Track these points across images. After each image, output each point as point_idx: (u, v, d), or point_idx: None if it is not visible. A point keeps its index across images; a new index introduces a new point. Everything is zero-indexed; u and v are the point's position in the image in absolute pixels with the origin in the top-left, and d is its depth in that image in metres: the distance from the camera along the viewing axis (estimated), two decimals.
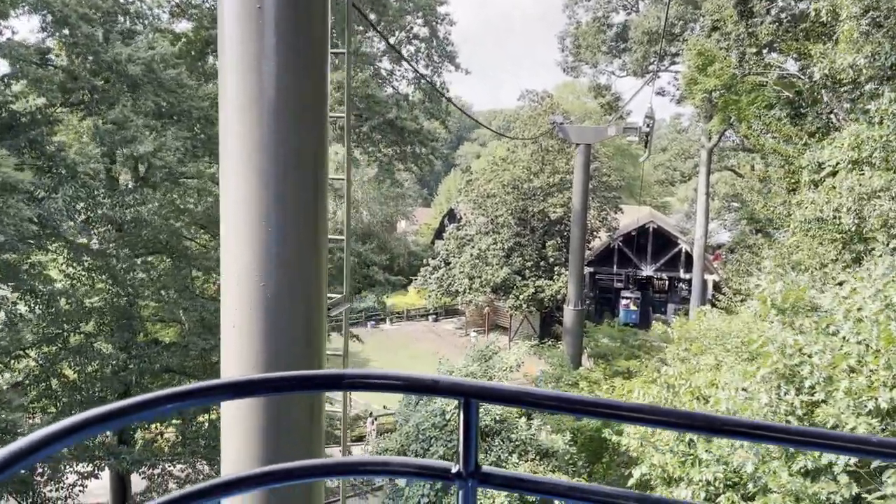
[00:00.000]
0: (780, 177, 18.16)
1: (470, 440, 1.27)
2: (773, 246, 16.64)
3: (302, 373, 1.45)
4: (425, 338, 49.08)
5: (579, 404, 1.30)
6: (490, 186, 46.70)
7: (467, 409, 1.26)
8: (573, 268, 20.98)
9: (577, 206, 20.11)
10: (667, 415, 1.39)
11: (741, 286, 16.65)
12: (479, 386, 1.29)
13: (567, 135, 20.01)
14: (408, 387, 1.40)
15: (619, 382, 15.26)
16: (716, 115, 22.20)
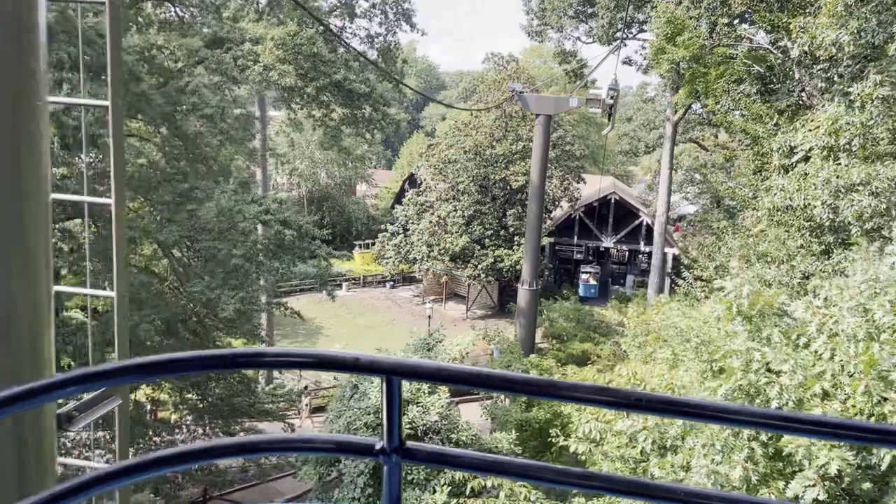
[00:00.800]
0: (747, 157, 17.34)
1: (393, 416, 1.28)
2: (737, 231, 15.85)
3: (200, 352, 1.31)
4: (382, 305, 48.07)
5: (498, 380, 1.32)
6: (451, 152, 45.38)
7: (389, 385, 1.26)
8: (529, 246, 19.90)
9: (535, 179, 18.96)
10: (581, 390, 1.29)
11: (703, 272, 15.86)
12: (400, 362, 1.28)
13: (526, 104, 18.67)
14: (326, 364, 1.32)
15: (571, 371, 14.43)
16: (682, 88, 21.20)
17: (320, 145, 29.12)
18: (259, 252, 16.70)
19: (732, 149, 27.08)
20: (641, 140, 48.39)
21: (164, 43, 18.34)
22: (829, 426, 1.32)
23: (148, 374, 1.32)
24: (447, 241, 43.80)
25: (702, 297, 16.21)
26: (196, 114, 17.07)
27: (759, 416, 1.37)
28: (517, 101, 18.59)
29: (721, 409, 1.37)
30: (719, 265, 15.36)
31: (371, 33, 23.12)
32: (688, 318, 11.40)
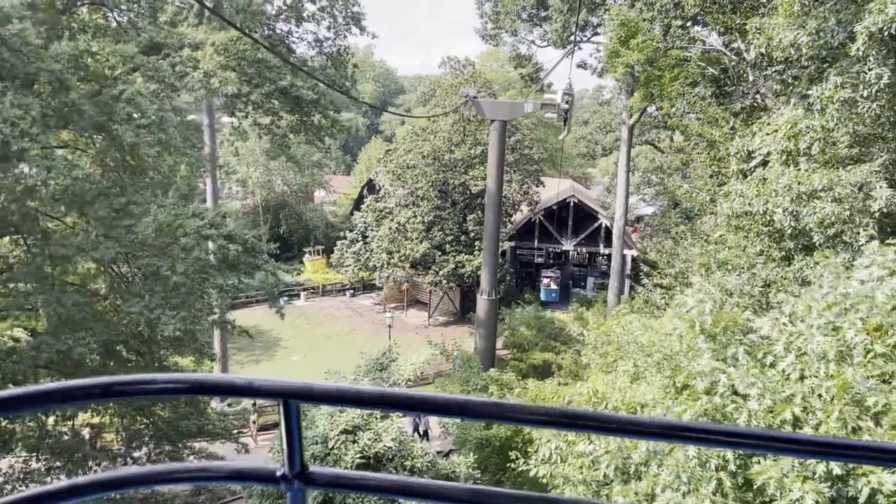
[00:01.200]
0: (704, 161, 17.10)
1: (293, 441, 1.26)
2: (696, 237, 15.56)
3: (62, 384, 1.23)
4: (342, 315, 47.15)
5: (409, 401, 1.28)
6: (410, 157, 44.75)
7: (287, 409, 1.23)
8: (487, 255, 19.30)
9: (491, 186, 18.37)
10: (522, 411, 1.25)
11: (663, 279, 15.53)
12: (297, 386, 1.24)
13: (481, 110, 18.06)
14: (217, 389, 1.26)
15: (532, 384, 13.93)
16: (637, 91, 20.92)
17: (266, 154, 28.02)
18: (202, 268, 15.83)
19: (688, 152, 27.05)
20: (598, 143, 48.41)
21: (98, 49, 17.35)
22: (799, 443, 1.27)
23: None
24: (407, 247, 43.15)
25: (662, 303, 15.87)
26: (132, 124, 16.15)
27: (721, 434, 1.26)
28: (470, 107, 18.01)
29: (679, 427, 1.30)
30: (679, 272, 15.03)
31: (319, 37, 22.35)
32: (649, 331, 10.98)
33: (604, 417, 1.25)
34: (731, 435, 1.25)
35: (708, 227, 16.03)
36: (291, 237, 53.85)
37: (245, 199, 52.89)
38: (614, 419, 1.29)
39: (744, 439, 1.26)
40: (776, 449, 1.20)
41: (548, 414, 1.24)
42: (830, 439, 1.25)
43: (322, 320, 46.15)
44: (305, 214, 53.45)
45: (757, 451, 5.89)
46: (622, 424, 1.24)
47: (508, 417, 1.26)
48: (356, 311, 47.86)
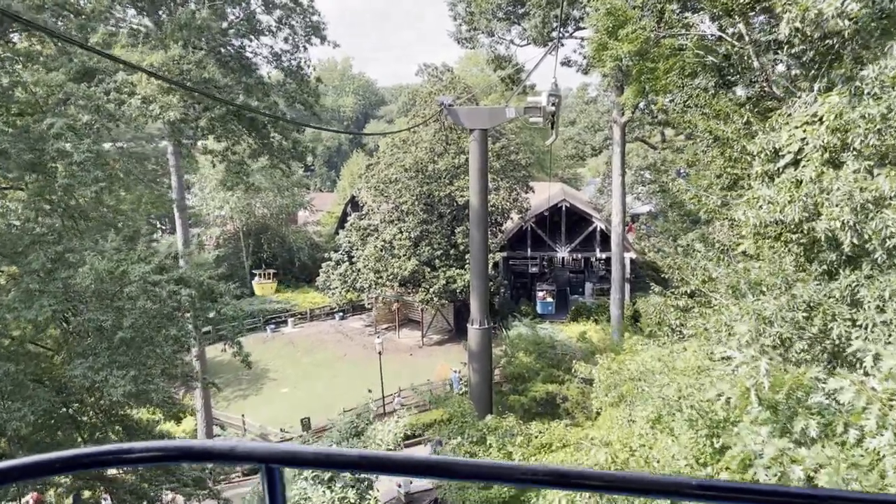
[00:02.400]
0: (711, 159, 15.31)
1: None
2: (710, 247, 13.70)
3: (20, 461, 1.18)
4: (331, 339, 45.16)
5: (391, 463, 1.25)
6: (392, 171, 42.95)
7: (270, 476, 1.21)
8: (475, 278, 17.30)
9: (474, 202, 16.44)
10: (518, 472, 1.22)
11: (678, 299, 13.67)
12: (279, 450, 1.22)
13: (458, 119, 16.07)
14: (198, 456, 1.24)
15: (536, 429, 12.04)
16: (629, 86, 19.17)
17: (222, 184, 26.09)
18: (152, 319, 13.89)
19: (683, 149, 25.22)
20: (587, 143, 46.71)
21: (30, 79, 15.45)
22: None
23: None
24: (394, 265, 41.27)
25: (677, 324, 14.02)
26: (65, 160, 14.24)
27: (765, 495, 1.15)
28: (446, 116, 16.13)
29: (710, 486, 1.20)
30: (696, 292, 13.17)
31: (277, 51, 20.48)
32: (672, 373, 9.16)
33: (600, 476, 1.21)
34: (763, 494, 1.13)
35: (724, 237, 14.20)
36: (275, 261, 51.85)
37: (225, 224, 50.89)
38: (615, 477, 1.21)
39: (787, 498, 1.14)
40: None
41: (540, 473, 1.20)
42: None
43: (311, 347, 44.15)
44: (288, 237, 51.45)
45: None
46: (623, 482, 1.19)
47: (498, 477, 1.21)
48: (346, 334, 45.87)
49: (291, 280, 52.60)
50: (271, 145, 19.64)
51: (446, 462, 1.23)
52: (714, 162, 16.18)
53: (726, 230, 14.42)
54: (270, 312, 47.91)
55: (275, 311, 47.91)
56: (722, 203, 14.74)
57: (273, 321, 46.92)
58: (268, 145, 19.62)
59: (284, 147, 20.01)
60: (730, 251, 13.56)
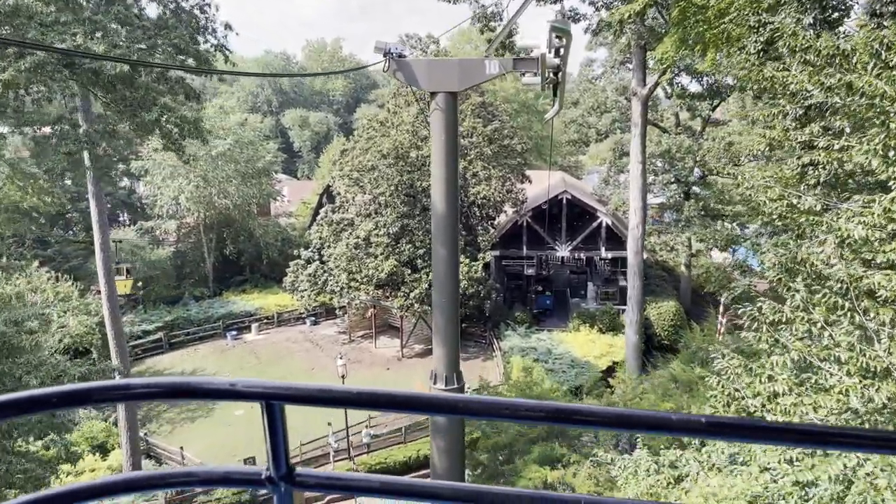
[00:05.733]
0: (789, 145, 9.83)
1: (277, 443, 1.27)
2: (810, 282, 8.25)
3: (35, 392, 1.21)
4: (300, 349, 39.69)
5: (389, 400, 1.25)
6: (367, 158, 37.36)
7: (270, 411, 1.24)
8: (441, 317, 11.24)
9: (439, 205, 10.65)
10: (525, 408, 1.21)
11: (758, 384, 8.20)
12: (279, 386, 1.25)
13: (412, 77, 10.16)
14: (199, 393, 1.27)
15: None
16: (668, 37, 13.67)
17: (41, 168, 20.42)
18: None
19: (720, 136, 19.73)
20: (592, 127, 41.08)
21: None
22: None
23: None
24: (370, 266, 35.76)
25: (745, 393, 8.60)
26: None
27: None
28: (391, 71, 10.26)
29: (717, 423, 1.22)
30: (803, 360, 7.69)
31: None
32: None
33: (597, 412, 1.18)
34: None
35: (824, 257, 8.68)
36: (240, 258, 46.27)
37: (183, 217, 45.26)
38: (608, 413, 1.21)
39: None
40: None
41: (542, 410, 1.18)
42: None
43: (276, 357, 38.69)
44: (256, 231, 45.84)
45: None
46: (617, 419, 1.21)
47: (501, 415, 1.22)
48: (317, 343, 40.39)
49: (259, 279, 47.03)
50: (143, 120, 13.95)
51: (450, 399, 1.22)
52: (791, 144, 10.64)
53: (831, 248, 8.88)
54: (234, 316, 42.43)
55: (237, 314, 42.40)
56: (823, 209, 9.25)
57: (234, 327, 41.43)
58: (140, 121, 13.96)
59: (167, 122, 14.33)
60: (850, 289, 8.07)
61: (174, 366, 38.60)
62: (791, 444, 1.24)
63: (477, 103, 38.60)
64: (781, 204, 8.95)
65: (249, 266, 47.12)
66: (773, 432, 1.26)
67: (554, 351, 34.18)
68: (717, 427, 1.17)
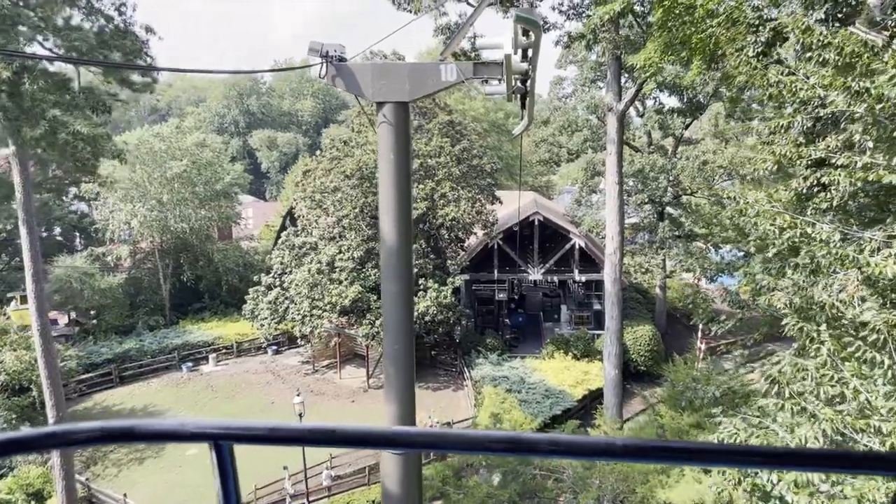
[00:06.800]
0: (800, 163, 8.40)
1: (228, 486, 1.22)
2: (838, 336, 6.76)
3: None
4: (260, 381, 37.53)
5: (343, 436, 1.21)
6: (330, 179, 35.67)
7: (219, 452, 1.20)
8: (392, 366, 9.31)
9: (389, 236, 8.89)
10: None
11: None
12: (227, 425, 1.20)
13: (352, 84, 8.55)
14: (141, 436, 1.21)
15: None
16: (649, 41, 12.27)
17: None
18: None
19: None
20: (562, 146, 39.91)
21: None
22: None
23: None
24: (334, 292, 33.91)
25: None
26: None
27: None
28: (327, 79, 8.64)
29: (635, 447, 1.19)
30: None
31: None
32: None
33: (550, 440, 1.16)
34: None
35: (846, 297, 7.21)
36: (199, 285, 44.04)
37: (137, 242, 42.96)
38: (564, 441, 1.18)
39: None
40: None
41: (496, 440, 1.18)
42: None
43: (234, 390, 36.48)
44: (215, 256, 43.71)
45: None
46: (570, 447, 1.19)
47: (462, 447, 1.21)
48: (278, 374, 38.27)
49: (219, 307, 44.79)
50: (26, 137, 12.04)
51: (397, 433, 1.20)
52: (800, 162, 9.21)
53: (854, 286, 7.40)
54: (191, 346, 40.15)
55: (195, 345, 40.12)
56: (842, 237, 7.79)
57: (189, 358, 39.16)
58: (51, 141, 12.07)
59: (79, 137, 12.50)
60: (889, 340, 6.58)
61: (124, 402, 36.16)
62: (724, 464, 1.20)
63: (445, 122, 37.20)
64: (794, 233, 7.46)
65: (208, 293, 44.89)
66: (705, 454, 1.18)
67: (527, 380, 32.55)
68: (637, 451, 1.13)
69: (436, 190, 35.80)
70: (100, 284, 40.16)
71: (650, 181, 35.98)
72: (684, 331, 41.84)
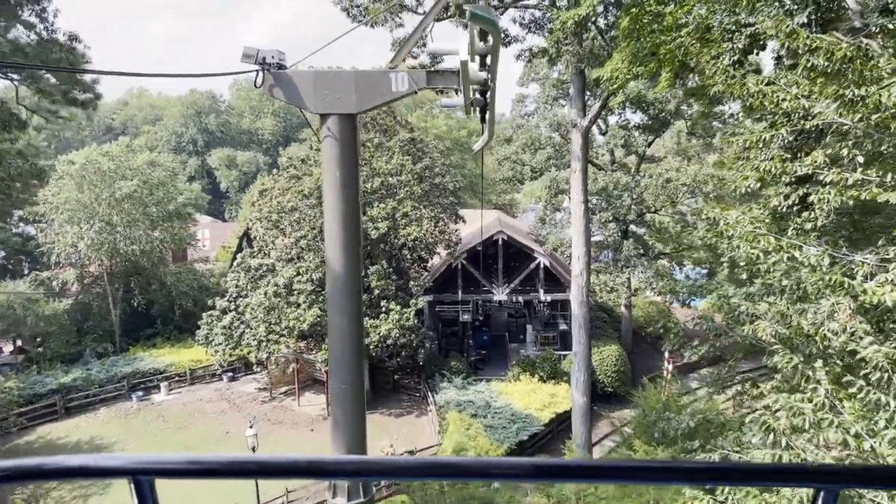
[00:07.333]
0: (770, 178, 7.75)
1: None
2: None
3: None
4: (214, 409, 35.90)
5: (267, 467, 1.14)
6: (287, 198, 34.54)
7: (139, 488, 1.13)
8: (339, 407, 8.37)
9: (335, 263, 7.93)
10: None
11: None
12: (146, 460, 1.13)
13: (293, 94, 7.70)
14: (50, 473, 1.12)
15: None
16: (617, 52, 11.68)
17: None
18: None
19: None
20: (526, 164, 39.44)
21: None
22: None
23: None
24: (291, 316, 32.67)
25: None
26: None
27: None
28: (266, 88, 7.80)
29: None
30: None
31: None
32: None
33: (502, 464, 1.12)
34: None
35: (837, 327, 6.49)
36: (150, 309, 42.27)
37: (85, 265, 41.10)
38: (494, 464, 1.13)
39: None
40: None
41: (422, 466, 1.12)
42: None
43: (186, 420, 34.80)
44: (168, 279, 42.04)
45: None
46: (497, 467, 1.14)
47: (411, 474, 1.13)
48: (234, 402, 36.69)
49: (172, 332, 43.02)
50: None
51: (325, 462, 1.10)
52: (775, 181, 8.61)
53: (846, 315, 6.70)
54: (142, 374, 38.33)
55: (146, 373, 38.32)
56: (831, 261, 7.11)
57: (142, 387, 37.37)
58: None
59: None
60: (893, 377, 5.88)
61: (70, 434, 34.20)
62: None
63: (406, 139, 36.41)
64: (780, 257, 6.74)
65: (161, 318, 43.10)
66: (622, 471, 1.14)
67: (493, 404, 31.66)
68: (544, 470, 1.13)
69: (397, 209, 34.91)
70: (44, 310, 38.20)
71: (614, 199, 35.64)
72: (650, 349, 41.49)
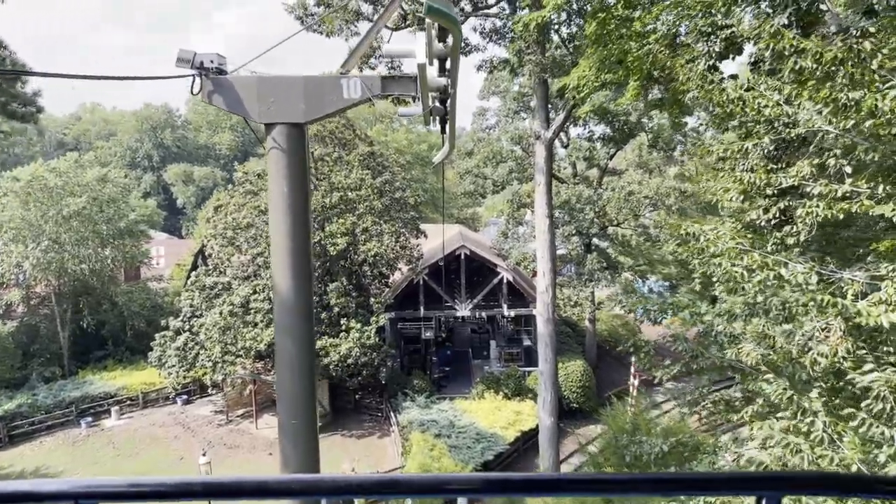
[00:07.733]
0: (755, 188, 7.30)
1: None
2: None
3: None
4: (168, 434, 34.42)
5: (213, 488, 1.09)
6: (243, 214, 33.49)
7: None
8: (291, 456, 7.82)
9: (282, 286, 7.39)
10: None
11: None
12: (90, 484, 1.09)
13: (233, 102, 7.16)
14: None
15: None
16: (583, 59, 11.27)
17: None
18: None
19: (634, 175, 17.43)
20: (487, 178, 39.05)
21: None
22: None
23: None
24: (248, 336, 31.55)
25: None
26: None
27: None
28: (209, 96, 7.20)
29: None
30: None
31: None
32: None
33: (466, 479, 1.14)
34: None
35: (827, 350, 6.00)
36: (101, 330, 40.56)
37: (31, 286, 39.26)
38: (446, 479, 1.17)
39: None
40: None
41: (364, 484, 1.12)
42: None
43: (138, 446, 33.26)
44: (119, 299, 40.41)
45: None
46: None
47: (371, 491, 1.12)
48: (188, 426, 35.25)
49: (124, 354, 41.33)
50: None
51: (270, 481, 1.08)
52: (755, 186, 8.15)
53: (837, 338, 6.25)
54: (91, 399, 36.62)
55: (96, 397, 36.63)
56: (819, 279, 6.67)
57: (91, 412, 35.68)
58: None
59: None
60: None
61: (13, 464, 32.40)
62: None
63: (365, 153, 35.72)
64: (767, 275, 6.25)
65: (112, 339, 41.39)
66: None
67: (457, 423, 30.93)
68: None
69: (357, 224, 34.15)
70: None
71: (577, 212, 35.42)
72: (615, 363, 41.27)
